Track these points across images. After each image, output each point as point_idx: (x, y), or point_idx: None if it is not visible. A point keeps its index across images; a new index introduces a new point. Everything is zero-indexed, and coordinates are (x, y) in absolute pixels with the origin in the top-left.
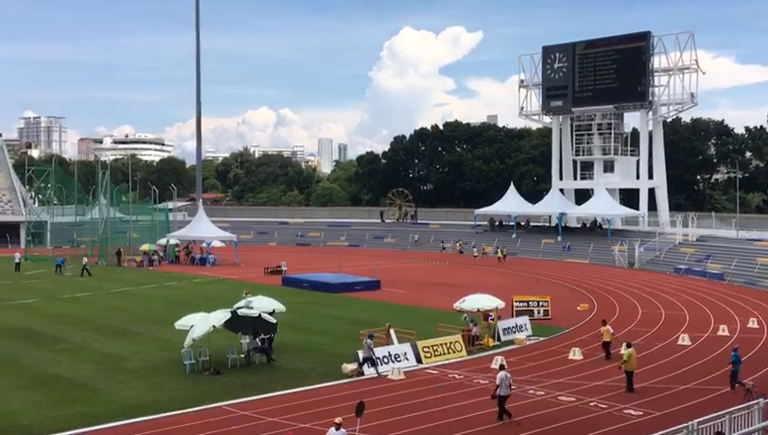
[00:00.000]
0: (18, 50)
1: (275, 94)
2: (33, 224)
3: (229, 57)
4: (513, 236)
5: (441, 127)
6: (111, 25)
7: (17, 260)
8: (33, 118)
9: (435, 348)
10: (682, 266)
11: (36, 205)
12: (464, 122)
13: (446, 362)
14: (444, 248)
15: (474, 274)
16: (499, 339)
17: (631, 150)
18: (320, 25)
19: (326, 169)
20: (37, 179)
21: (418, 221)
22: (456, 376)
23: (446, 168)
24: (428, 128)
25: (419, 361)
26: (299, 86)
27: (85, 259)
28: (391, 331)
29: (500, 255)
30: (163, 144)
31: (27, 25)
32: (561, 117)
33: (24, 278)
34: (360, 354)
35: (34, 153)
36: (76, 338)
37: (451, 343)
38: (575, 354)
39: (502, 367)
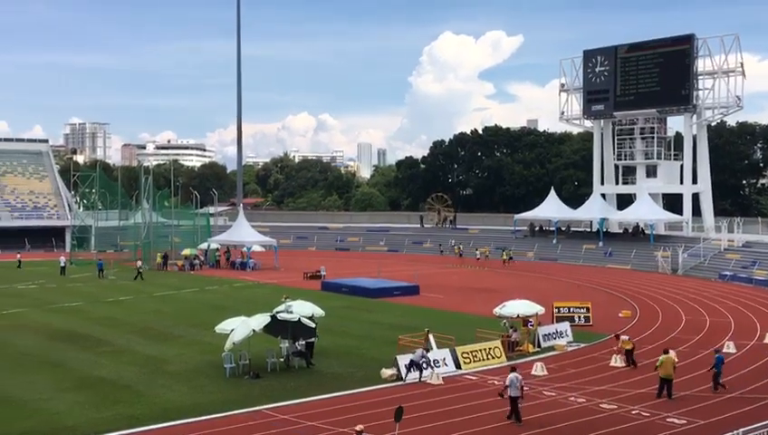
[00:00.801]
0: (65, 58)
1: (315, 100)
2: (78, 228)
3: (270, 63)
4: (554, 241)
5: (481, 131)
6: (155, 33)
7: (63, 264)
8: (79, 124)
9: (474, 354)
10: (727, 273)
11: (81, 209)
12: (504, 127)
13: (486, 367)
14: (442, 251)
15: (513, 279)
16: (539, 345)
17: (675, 155)
18: (360, 31)
19: (365, 173)
20: (82, 185)
21: (458, 226)
22: (496, 382)
23: (486, 172)
24: (468, 132)
25: (458, 366)
26: (339, 91)
27: (140, 263)
28: (430, 336)
29: (505, 257)
30: (204, 150)
31: (75, 34)
32: (602, 121)
33: (69, 281)
34: (400, 360)
35: (80, 159)
36: (119, 341)
37: (490, 348)
38: (617, 361)
39: (513, 369)
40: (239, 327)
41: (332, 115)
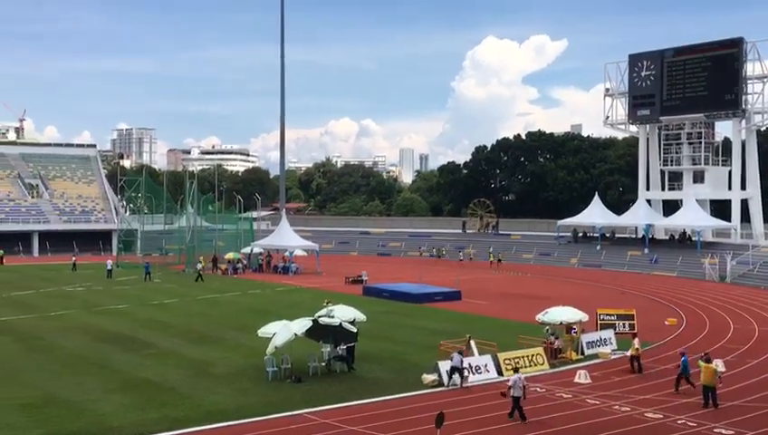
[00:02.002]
0: (113, 64)
1: (358, 105)
2: (125, 232)
3: (313, 68)
4: (598, 247)
5: (524, 137)
6: (201, 39)
7: (109, 267)
8: (126, 129)
9: (516, 360)
10: None
11: (127, 213)
12: (547, 132)
13: (528, 374)
14: (421, 254)
15: (557, 286)
16: (582, 352)
17: (723, 160)
18: (403, 36)
19: (407, 178)
20: (129, 189)
21: (500, 232)
22: (538, 389)
23: (529, 178)
24: (511, 138)
25: (500, 373)
26: (381, 96)
27: (200, 265)
28: (472, 342)
29: (492, 259)
30: (248, 154)
31: (122, 41)
32: (648, 126)
33: (116, 284)
34: (442, 366)
35: (126, 164)
36: (164, 343)
37: (533, 355)
38: (661, 370)
39: (516, 370)
40: (281, 331)
41: (375, 120)
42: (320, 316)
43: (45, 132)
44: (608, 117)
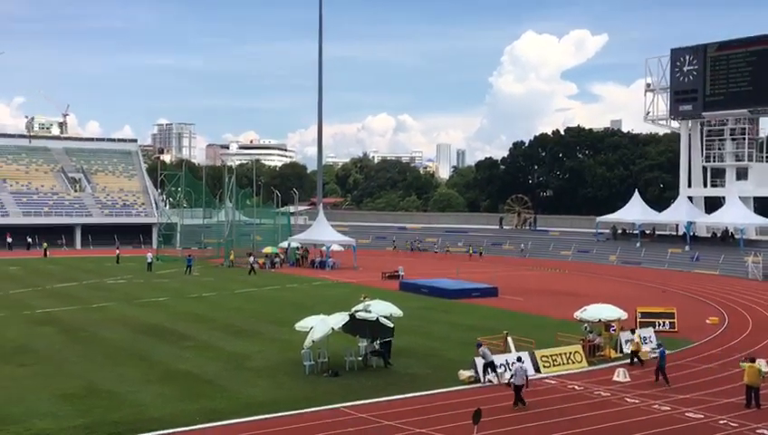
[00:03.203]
0: (153, 60)
1: (395, 100)
2: (165, 226)
3: (350, 64)
4: (638, 245)
5: (562, 132)
6: (240, 36)
7: (149, 260)
8: (166, 125)
9: (554, 358)
10: None
11: (167, 207)
12: (586, 128)
13: (566, 372)
14: (395, 247)
15: (595, 283)
16: (621, 350)
17: (767, 157)
18: (440, 32)
19: (444, 174)
20: (168, 183)
21: (537, 228)
22: (576, 387)
23: (567, 174)
24: (549, 133)
25: (537, 370)
26: (418, 92)
27: (252, 258)
28: (509, 339)
29: (471, 251)
30: (285, 150)
31: (162, 37)
32: (690, 122)
33: (156, 277)
34: (478, 362)
35: (166, 158)
36: (202, 336)
37: (571, 353)
38: (703, 369)
39: (519, 359)
40: (318, 325)
41: (412, 115)
42: (357, 311)
43: (88, 127)
44: (648, 112)
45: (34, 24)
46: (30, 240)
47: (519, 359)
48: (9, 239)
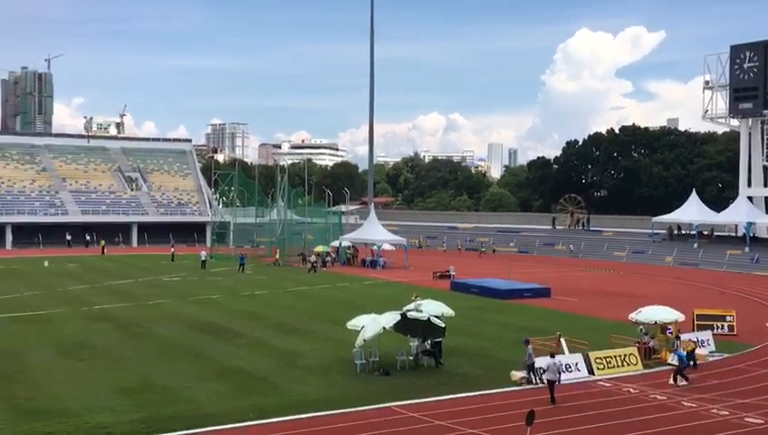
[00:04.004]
0: (208, 62)
1: (446, 99)
2: (218, 224)
3: (401, 64)
4: (695, 245)
5: (617, 131)
6: (293, 36)
7: (203, 258)
8: (219, 124)
9: (608, 360)
10: None
11: (221, 206)
12: (642, 126)
13: (620, 374)
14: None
15: (651, 284)
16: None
17: None
18: (492, 30)
19: (495, 174)
20: (222, 182)
21: (591, 228)
22: (632, 390)
23: (622, 173)
24: (604, 132)
25: (591, 372)
26: (469, 91)
27: (313, 257)
28: (562, 340)
29: (483, 250)
30: (337, 149)
31: (217, 38)
32: (750, 120)
33: (210, 275)
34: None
35: (220, 158)
36: (255, 333)
37: (626, 355)
38: (763, 373)
39: (552, 355)
40: (370, 324)
41: (463, 115)
42: (408, 310)
43: (144, 127)
44: (707, 111)
45: (93, 26)
46: (88, 238)
47: (552, 355)
48: (68, 237)
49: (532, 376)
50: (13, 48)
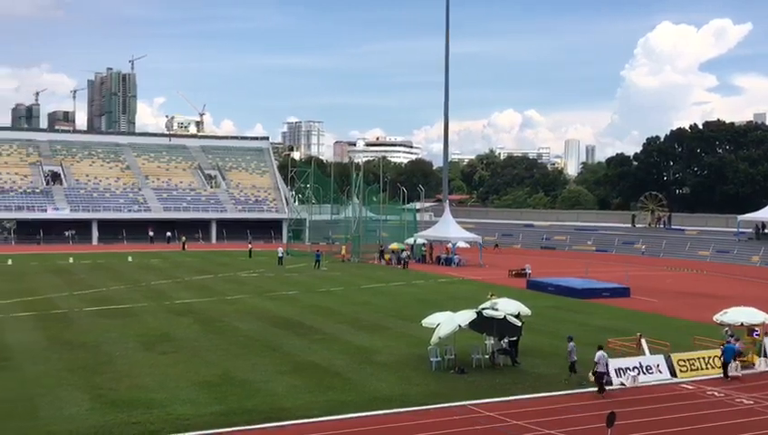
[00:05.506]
0: (284, 60)
1: (521, 96)
2: (294, 221)
3: (476, 61)
4: None
5: (701, 126)
6: (366, 35)
7: (280, 254)
8: (295, 122)
9: (691, 362)
10: None
11: (297, 203)
12: (727, 121)
13: (704, 377)
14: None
15: (736, 285)
16: (766, 356)
17: None
18: (569, 26)
19: (572, 171)
20: (298, 180)
21: (672, 227)
22: (716, 394)
23: (706, 170)
24: (686, 128)
25: (673, 374)
26: (546, 88)
27: (407, 253)
28: (643, 341)
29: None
30: (411, 146)
31: (290, 38)
32: None
33: (286, 271)
34: (611, 364)
35: (296, 155)
36: (330, 329)
37: (710, 357)
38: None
39: (600, 347)
40: (445, 322)
41: (539, 111)
42: (484, 309)
43: (222, 126)
44: None
45: (173, 28)
46: (169, 234)
47: (600, 347)
48: (151, 233)
49: (622, 377)
50: (99, 50)
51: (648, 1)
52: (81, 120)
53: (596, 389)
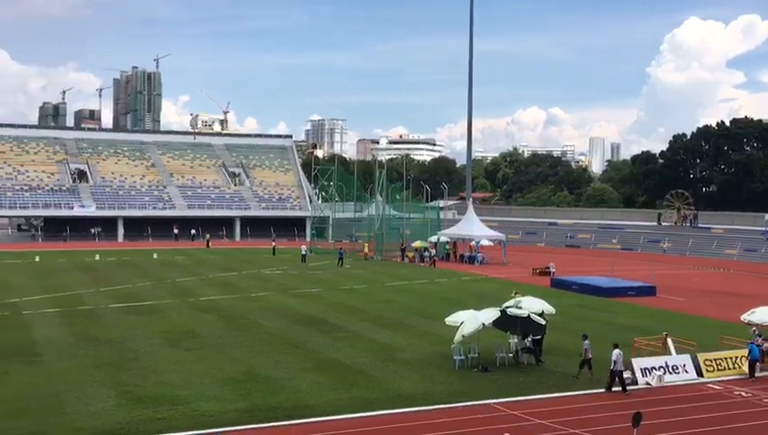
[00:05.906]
0: (307, 59)
1: (546, 94)
2: (318, 219)
3: (500, 58)
4: None
5: (728, 124)
6: (389, 33)
7: (303, 252)
8: (318, 120)
9: (718, 362)
10: None
11: (320, 201)
12: (755, 118)
13: (732, 377)
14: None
15: (764, 284)
16: None
17: None
18: (592, 22)
19: (597, 168)
20: (321, 178)
21: (699, 225)
22: (744, 394)
23: (733, 168)
24: (713, 125)
25: (700, 374)
26: (570, 85)
27: (433, 251)
28: (669, 340)
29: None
30: (434, 144)
31: (313, 36)
32: None
33: (309, 269)
34: (635, 363)
35: (319, 153)
36: (354, 327)
37: (737, 357)
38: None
39: (616, 345)
40: (468, 320)
41: (563, 108)
42: (507, 307)
43: (246, 124)
44: None
45: (198, 27)
46: (194, 232)
47: (616, 345)
48: (176, 230)
49: (648, 377)
50: (124, 49)
51: None
52: (107, 119)
53: (609, 387)
